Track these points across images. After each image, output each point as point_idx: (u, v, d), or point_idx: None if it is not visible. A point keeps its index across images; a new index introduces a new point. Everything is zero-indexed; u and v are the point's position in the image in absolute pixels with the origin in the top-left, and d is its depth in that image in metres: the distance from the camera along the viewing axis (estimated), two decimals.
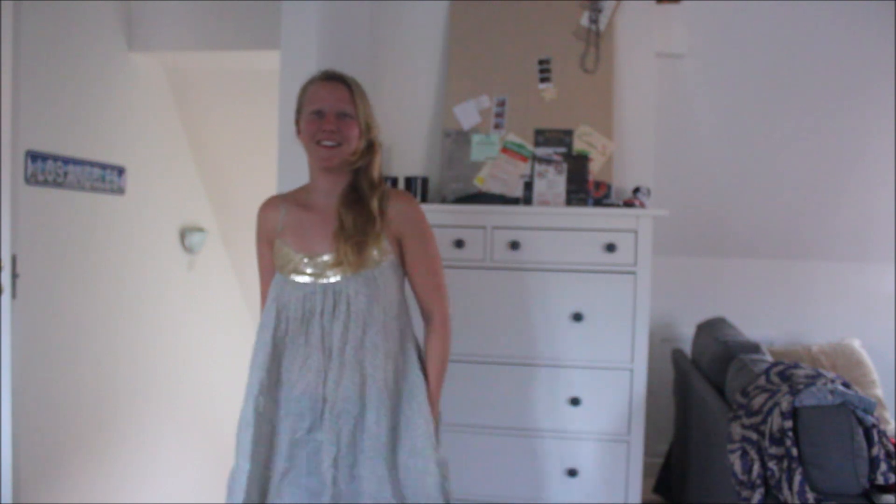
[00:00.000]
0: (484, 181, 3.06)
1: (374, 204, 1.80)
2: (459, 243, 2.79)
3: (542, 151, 3.04)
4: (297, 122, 1.86)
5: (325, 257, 1.79)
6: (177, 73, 3.62)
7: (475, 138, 3.09)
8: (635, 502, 2.75)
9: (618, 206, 2.86)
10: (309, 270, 1.80)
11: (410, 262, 1.85)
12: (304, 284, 1.80)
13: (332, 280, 1.78)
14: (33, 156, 2.71)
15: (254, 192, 3.91)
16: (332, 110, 1.79)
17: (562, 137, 3.06)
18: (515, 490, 2.80)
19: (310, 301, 1.79)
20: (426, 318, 1.90)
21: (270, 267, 1.90)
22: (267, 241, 1.90)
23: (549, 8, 3.13)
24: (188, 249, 3.84)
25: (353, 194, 1.83)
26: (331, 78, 1.84)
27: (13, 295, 2.58)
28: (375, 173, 1.85)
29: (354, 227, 1.77)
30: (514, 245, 2.78)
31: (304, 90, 1.86)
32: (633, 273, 2.73)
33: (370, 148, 1.85)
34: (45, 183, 2.78)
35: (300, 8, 2.55)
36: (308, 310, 1.79)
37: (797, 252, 3.63)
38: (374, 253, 1.78)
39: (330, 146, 1.78)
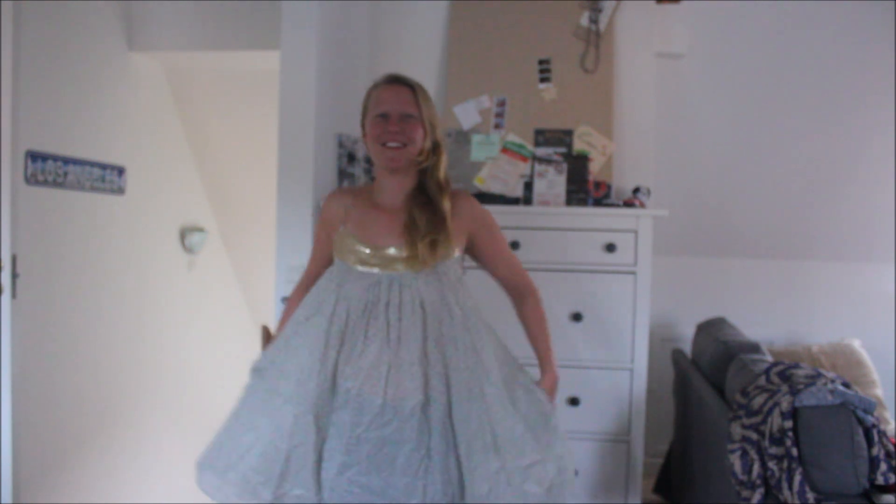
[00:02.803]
0: (484, 181, 3.06)
1: (446, 204, 1.84)
2: None
3: (542, 151, 3.04)
4: (363, 125, 1.90)
5: (392, 251, 1.81)
6: (177, 73, 3.62)
7: (475, 138, 3.09)
8: (635, 502, 2.75)
9: (618, 206, 2.86)
10: (374, 261, 1.82)
11: (489, 253, 1.95)
12: (369, 275, 1.81)
13: (399, 273, 1.81)
14: (33, 156, 2.71)
15: (254, 192, 3.95)
16: (396, 112, 1.82)
17: (562, 137, 3.06)
18: None
19: (373, 292, 1.79)
20: (519, 295, 2.00)
21: (322, 252, 1.96)
22: (325, 229, 1.94)
23: (549, 8, 3.13)
24: (188, 249, 3.84)
25: (422, 195, 1.86)
26: (395, 81, 1.86)
27: (13, 295, 2.58)
28: (442, 174, 1.89)
29: (428, 226, 1.81)
30: (514, 245, 2.78)
31: (369, 94, 1.89)
32: (633, 273, 2.73)
33: (436, 148, 1.88)
34: (45, 183, 2.78)
35: (300, 8, 2.55)
36: (371, 301, 1.79)
37: (797, 252, 3.62)
38: (447, 250, 1.83)
39: (395, 147, 1.81)
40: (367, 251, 1.82)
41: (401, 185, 1.87)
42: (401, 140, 1.80)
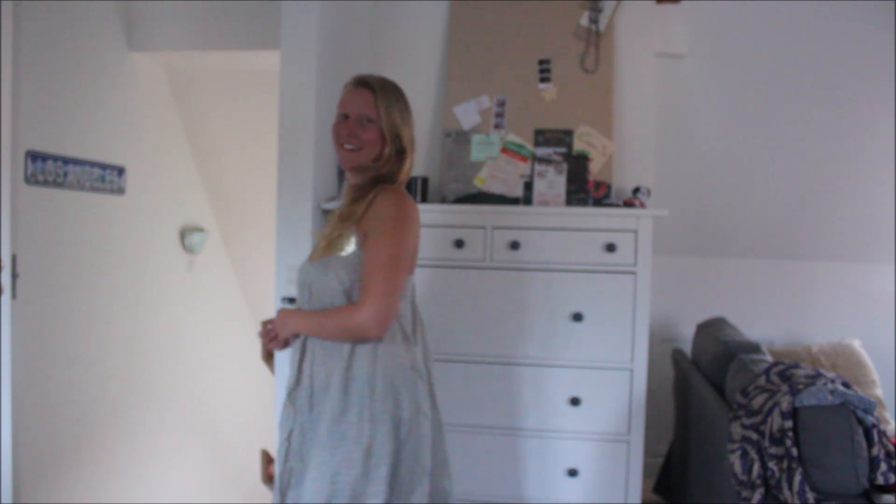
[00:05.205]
0: (484, 181, 3.06)
1: (368, 198, 1.80)
2: (459, 243, 2.79)
3: (542, 151, 3.04)
4: None
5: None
6: (177, 73, 3.62)
7: (475, 138, 3.09)
8: (635, 502, 2.75)
9: (618, 206, 2.86)
10: (312, 253, 1.91)
11: (364, 252, 1.76)
12: (302, 266, 1.91)
13: (310, 263, 1.87)
14: (33, 156, 2.71)
15: (254, 192, 3.95)
16: (355, 114, 1.84)
17: (562, 137, 3.06)
18: (515, 490, 2.80)
19: (299, 281, 1.90)
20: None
21: None
22: None
23: (549, 8, 3.13)
24: (188, 249, 3.84)
25: (360, 189, 1.86)
26: (359, 83, 1.88)
27: (13, 295, 2.58)
28: (399, 177, 1.87)
29: (339, 217, 1.84)
30: (514, 245, 2.78)
31: (342, 94, 1.91)
32: (633, 273, 2.73)
33: (400, 154, 1.87)
34: (45, 183, 2.78)
35: (300, 8, 2.55)
36: (298, 289, 1.91)
37: (797, 252, 3.62)
38: (341, 242, 1.80)
39: (349, 149, 1.84)
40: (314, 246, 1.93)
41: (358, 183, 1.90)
42: (355, 143, 1.83)
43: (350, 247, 1.78)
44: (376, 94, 1.84)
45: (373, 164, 1.84)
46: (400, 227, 1.76)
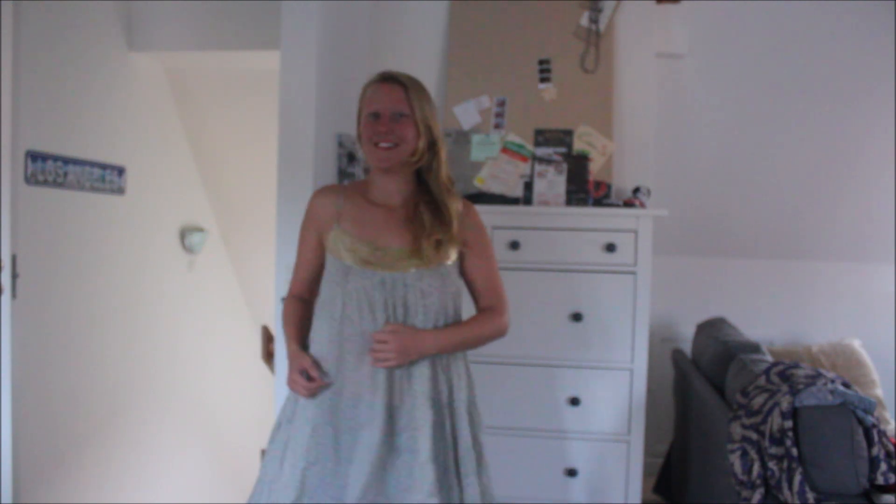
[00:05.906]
0: (484, 181, 3.06)
1: (452, 204, 1.82)
2: None
3: (542, 151, 3.04)
4: (358, 124, 1.85)
5: (393, 249, 1.78)
6: (177, 73, 3.62)
7: (475, 138, 3.09)
8: (635, 502, 2.75)
9: (618, 206, 2.87)
10: (374, 261, 1.77)
11: (473, 265, 1.86)
12: (372, 274, 1.76)
13: (403, 273, 1.76)
14: (33, 156, 2.71)
15: (254, 192, 3.95)
16: (387, 111, 1.78)
17: (562, 137, 3.06)
18: (515, 490, 2.79)
19: (377, 291, 1.75)
20: (487, 309, 1.89)
21: (312, 255, 1.88)
22: (315, 229, 1.86)
23: (549, 8, 3.13)
24: (188, 249, 3.84)
25: (426, 193, 1.84)
26: (387, 79, 1.83)
27: (13, 295, 2.58)
28: (443, 172, 1.85)
29: (434, 225, 1.78)
30: (514, 245, 2.78)
31: (363, 93, 1.85)
32: (633, 273, 2.73)
33: (433, 146, 1.83)
34: (45, 183, 2.78)
35: (300, 8, 2.55)
36: (374, 300, 1.75)
37: (797, 252, 3.62)
38: (445, 251, 1.79)
39: (386, 147, 1.77)
40: (367, 249, 1.77)
41: (396, 184, 1.83)
42: (392, 140, 1.76)
43: (454, 256, 1.82)
44: (408, 89, 1.80)
45: (409, 160, 1.80)
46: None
